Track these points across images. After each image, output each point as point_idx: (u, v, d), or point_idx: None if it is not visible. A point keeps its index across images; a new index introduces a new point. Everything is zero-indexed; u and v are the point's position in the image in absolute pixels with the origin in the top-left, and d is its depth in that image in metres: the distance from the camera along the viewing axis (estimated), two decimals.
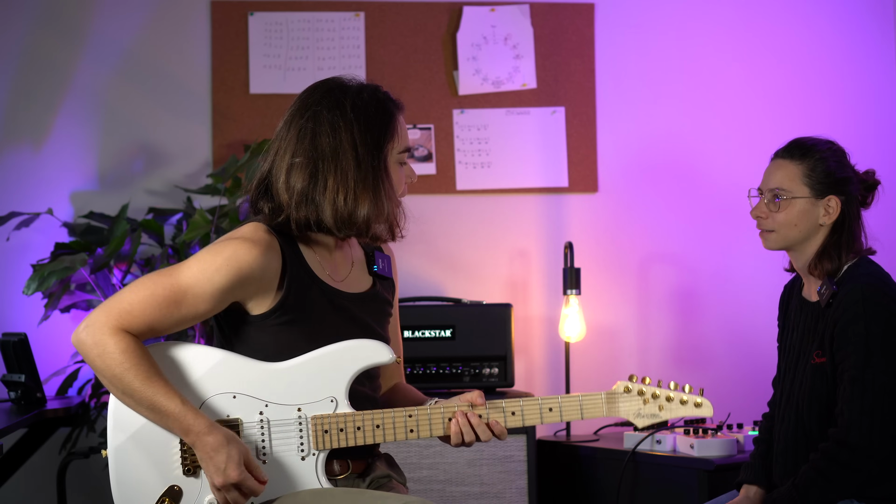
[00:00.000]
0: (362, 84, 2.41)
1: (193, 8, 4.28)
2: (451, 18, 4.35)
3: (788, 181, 2.83)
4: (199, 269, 2.30)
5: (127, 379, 2.25)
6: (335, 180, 2.34)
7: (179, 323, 2.32)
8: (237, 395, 2.34)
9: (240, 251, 2.30)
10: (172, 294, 2.28)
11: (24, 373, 3.66)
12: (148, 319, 2.28)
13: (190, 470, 2.32)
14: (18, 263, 4.13)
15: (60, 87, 4.21)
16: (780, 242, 2.86)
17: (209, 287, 2.29)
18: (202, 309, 2.32)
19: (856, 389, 2.67)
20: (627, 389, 2.45)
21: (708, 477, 3.57)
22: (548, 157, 4.37)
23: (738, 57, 4.47)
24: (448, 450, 3.80)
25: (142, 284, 2.30)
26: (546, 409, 2.42)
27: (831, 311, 2.76)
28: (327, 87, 2.40)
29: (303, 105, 2.39)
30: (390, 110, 2.40)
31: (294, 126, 2.38)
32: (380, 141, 2.36)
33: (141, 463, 2.33)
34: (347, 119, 2.35)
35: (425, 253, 4.36)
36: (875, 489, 2.71)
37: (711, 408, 2.44)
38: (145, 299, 2.28)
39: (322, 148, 2.34)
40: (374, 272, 2.52)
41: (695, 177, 4.44)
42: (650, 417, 2.44)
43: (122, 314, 2.27)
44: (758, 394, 3.29)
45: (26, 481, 4.10)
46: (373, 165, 2.35)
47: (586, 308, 4.20)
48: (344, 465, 2.43)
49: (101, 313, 2.28)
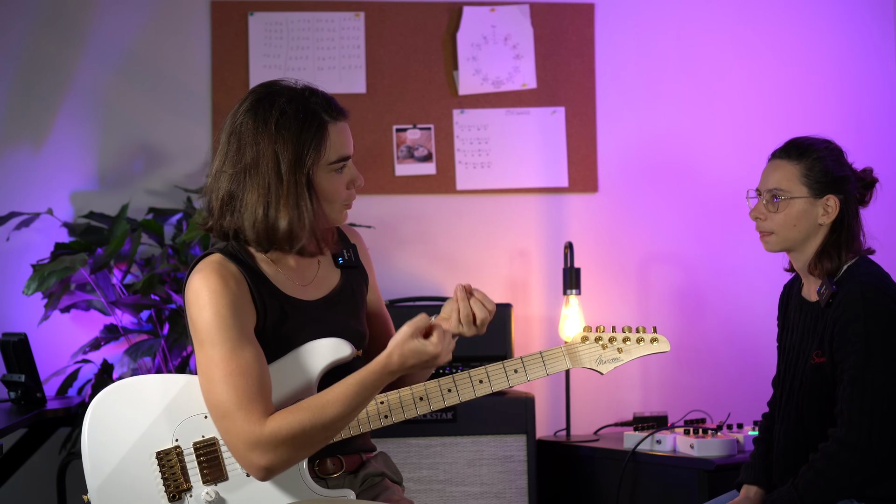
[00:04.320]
0: (295, 92, 2.35)
1: (193, 8, 4.28)
2: (451, 18, 4.35)
3: (786, 181, 2.83)
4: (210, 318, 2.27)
5: (320, 425, 2.24)
6: (256, 193, 2.31)
7: (266, 371, 2.29)
8: (208, 416, 2.34)
9: (209, 280, 2.28)
10: (235, 360, 2.25)
11: (24, 373, 3.66)
12: (258, 390, 2.25)
13: (175, 496, 2.34)
14: (18, 263, 4.13)
15: (60, 87, 4.21)
16: (780, 244, 2.86)
17: (235, 326, 2.27)
18: (258, 346, 2.30)
19: (855, 389, 2.67)
20: (585, 339, 2.48)
21: (708, 477, 3.58)
22: (548, 157, 4.37)
23: (738, 57, 4.47)
24: (448, 450, 3.80)
25: (217, 380, 2.25)
26: (511, 370, 2.43)
27: (831, 310, 2.76)
28: (258, 95, 2.36)
29: (235, 111, 2.37)
30: (318, 122, 2.33)
31: (226, 132, 2.36)
32: (301, 155, 2.31)
33: (125, 499, 2.34)
34: (270, 133, 2.31)
35: (425, 253, 4.36)
36: (874, 489, 2.71)
37: (668, 342, 2.50)
38: (235, 384, 2.24)
39: (246, 159, 2.32)
40: (339, 265, 2.49)
41: (695, 177, 4.44)
42: (612, 362, 2.48)
43: (244, 411, 2.23)
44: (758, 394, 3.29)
45: (26, 481, 4.10)
46: (295, 181, 2.30)
47: (586, 308, 4.20)
48: (337, 463, 2.43)
49: (240, 425, 2.23)
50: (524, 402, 3.86)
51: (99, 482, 2.34)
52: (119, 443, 2.35)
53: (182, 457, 2.35)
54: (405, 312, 3.89)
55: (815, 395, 2.78)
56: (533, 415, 3.86)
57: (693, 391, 4.38)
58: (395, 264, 4.30)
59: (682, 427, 3.79)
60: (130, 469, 2.34)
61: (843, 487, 2.69)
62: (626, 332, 2.49)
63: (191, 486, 2.35)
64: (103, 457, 2.34)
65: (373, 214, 4.26)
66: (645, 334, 2.49)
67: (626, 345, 2.48)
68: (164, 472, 2.34)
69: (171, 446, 2.35)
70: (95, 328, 4.11)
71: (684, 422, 3.95)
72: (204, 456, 2.35)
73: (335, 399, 2.25)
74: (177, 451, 2.35)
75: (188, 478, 2.35)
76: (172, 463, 2.35)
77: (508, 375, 2.43)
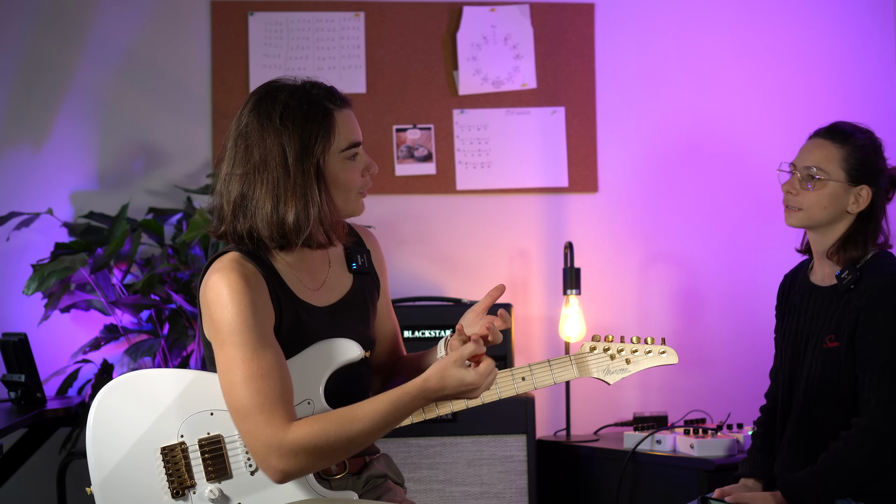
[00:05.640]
0: (296, 86, 2.36)
1: (193, 8, 4.28)
2: (451, 18, 4.35)
3: (826, 162, 2.82)
4: (232, 318, 2.25)
5: (344, 438, 2.23)
6: (265, 190, 2.31)
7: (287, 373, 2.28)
8: (214, 412, 2.34)
9: (230, 278, 2.27)
10: (256, 360, 2.24)
11: (24, 373, 3.66)
12: (279, 397, 2.23)
13: (178, 493, 2.33)
14: (18, 263, 4.13)
15: (60, 87, 4.21)
16: (804, 221, 2.85)
17: (255, 326, 2.25)
18: (278, 347, 2.29)
19: (884, 377, 2.67)
20: (593, 349, 2.48)
21: (708, 477, 3.57)
22: (548, 157, 4.37)
23: (738, 57, 4.47)
24: (448, 450, 3.80)
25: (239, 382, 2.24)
26: (519, 378, 2.43)
27: (853, 297, 2.75)
28: (259, 94, 2.37)
29: (239, 114, 2.37)
30: (324, 110, 2.33)
31: (232, 136, 2.37)
32: (309, 145, 2.31)
33: (128, 494, 2.33)
34: (276, 127, 2.31)
35: (425, 253, 4.36)
36: (878, 485, 2.71)
37: (676, 355, 2.48)
38: (250, 387, 2.23)
39: (254, 158, 2.32)
40: (353, 270, 2.49)
41: (695, 176, 4.44)
42: (620, 372, 2.47)
43: (267, 415, 2.22)
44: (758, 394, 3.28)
45: (26, 481, 4.10)
46: (302, 171, 2.30)
47: (586, 308, 4.20)
48: (341, 465, 2.43)
49: (265, 430, 2.22)
50: (524, 402, 3.86)
51: (102, 476, 2.34)
52: (124, 437, 2.34)
53: (187, 453, 2.34)
54: (405, 312, 3.89)
55: (825, 379, 2.78)
56: (533, 415, 3.86)
57: (693, 391, 4.38)
58: (395, 264, 4.29)
59: (682, 427, 3.79)
60: (134, 464, 2.33)
61: (864, 477, 2.68)
62: (635, 342, 2.48)
63: (195, 482, 2.34)
64: (107, 450, 2.33)
65: (373, 214, 4.25)
66: (654, 346, 2.48)
67: (635, 356, 2.48)
68: (169, 468, 2.33)
69: (176, 442, 2.35)
70: (95, 328, 4.11)
71: (684, 422, 3.95)
72: (209, 453, 2.34)
73: (365, 415, 2.23)
74: (182, 447, 2.35)
75: (192, 474, 2.34)
76: (177, 459, 2.34)
77: (516, 383, 2.43)
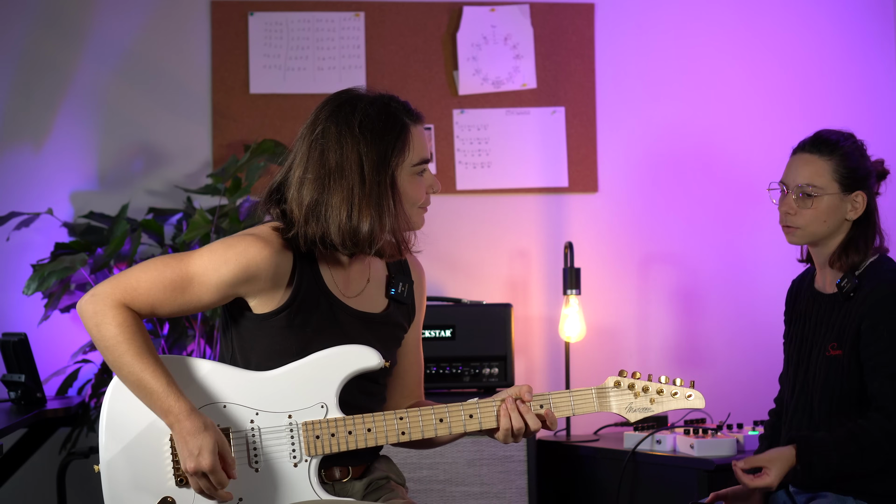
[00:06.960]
0: (375, 96, 2.40)
1: (193, 8, 4.28)
2: (451, 18, 4.35)
3: (818, 177, 2.81)
4: (209, 258, 2.32)
5: (118, 351, 2.28)
6: (340, 197, 2.33)
7: (182, 309, 2.34)
8: (227, 405, 2.35)
9: (251, 247, 2.32)
10: (179, 279, 2.31)
11: (24, 373, 3.66)
12: (151, 299, 2.31)
13: (182, 481, 2.32)
14: (18, 263, 4.13)
15: (60, 87, 4.21)
16: (806, 238, 2.84)
17: (215, 277, 2.31)
18: (205, 299, 2.34)
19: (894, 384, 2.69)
20: (618, 384, 2.45)
21: (708, 477, 3.57)
22: (548, 157, 4.37)
23: (738, 57, 4.47)
24: (448, 450, 3.80)
25: (152, 265, 2.33)
26: (537, 406, 2.42)
27: (854, 305, 2.75)
28: (339, 101, 2.39)
29: (315, 119, 2.39)
30: (401, 123, 2.37)
31: (306, 140, 2.38)
32: (386, 156, 2.35)
33: (134, 475, 2.33)
34: (354, 135, 2.34)
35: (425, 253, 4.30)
36: (879, 485, 2.72)
37: (703, 399, 2.45)
38: (152, 279, 2.31)
39: (329, 164, 2.34)
40: (390, 295, 2.51)
41: (695, 177, 4.44)
42: (642, 411, 2.44)
43: (127, 289, 2.30)
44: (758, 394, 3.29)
45: (26, 481, 4.10)
46: (378, 181, 2.34)
47: (586, 308, 4.20)
48: (344, 471, 2.44)
49: (108, 285, 2.31)
50: None
51: (110, 455, 2.34)
52: (135, 421, 2.34)
53: None
54: None
55: (828, 387, 2.78)
56: None
57: None
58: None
59: (682, 427, 3.78)
60: (143, 448, 2.33)
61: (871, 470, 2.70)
62: (662, 382, 2.44)
63: None
64: (119, 432, 2.34)
65: None
66: (680, 388, 2.44)
67: (660, 396, 2.44)
68: (175, 456, 2.32)
69: None
70: None
71: (684, 422, 3.95)
72: None
73: (143, 367, 2.27)
74: None
75: None
76: None
77: (535, 412, 2.41)
